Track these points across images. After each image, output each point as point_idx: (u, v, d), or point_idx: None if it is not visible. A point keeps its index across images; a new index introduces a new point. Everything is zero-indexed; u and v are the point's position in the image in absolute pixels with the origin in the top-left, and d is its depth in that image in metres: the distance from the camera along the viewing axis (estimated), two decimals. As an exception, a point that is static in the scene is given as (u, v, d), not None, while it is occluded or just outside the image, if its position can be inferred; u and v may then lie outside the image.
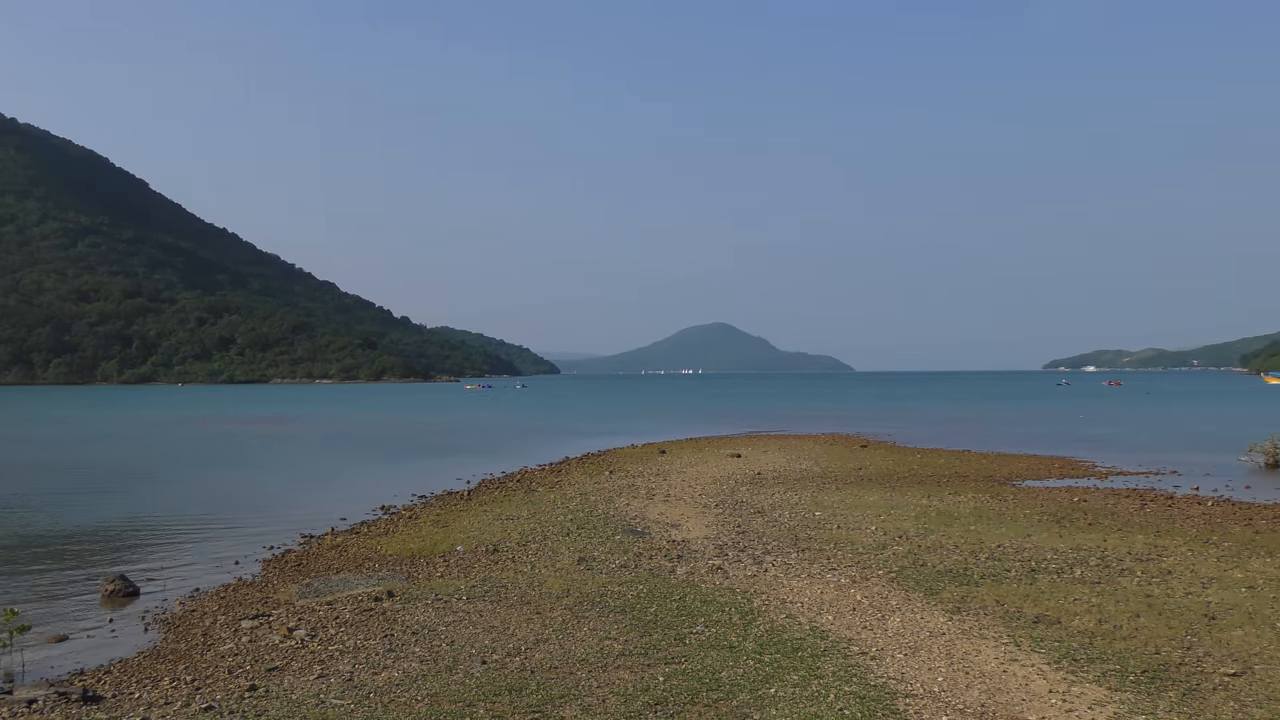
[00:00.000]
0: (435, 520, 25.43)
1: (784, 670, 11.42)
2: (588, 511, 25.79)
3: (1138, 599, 15.06)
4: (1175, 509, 26.39)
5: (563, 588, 16.27)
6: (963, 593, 15.57)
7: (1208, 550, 19.61)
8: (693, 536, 21.64)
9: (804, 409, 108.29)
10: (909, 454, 45.52)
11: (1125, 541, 20.58)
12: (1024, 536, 21.22)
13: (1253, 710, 10.01)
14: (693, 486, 31.49)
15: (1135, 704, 10.19)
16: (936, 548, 19.81)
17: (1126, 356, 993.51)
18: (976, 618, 13.92)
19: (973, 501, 27.52)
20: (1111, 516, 24.63)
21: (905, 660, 11.85)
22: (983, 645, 12.45)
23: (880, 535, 21.42)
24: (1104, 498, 28.73)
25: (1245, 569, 17.59)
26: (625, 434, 63.94)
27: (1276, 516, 25.06)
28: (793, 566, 17.96)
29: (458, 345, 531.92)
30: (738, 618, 13.96)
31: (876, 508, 25.97)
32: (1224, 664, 11.56)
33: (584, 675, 11.35)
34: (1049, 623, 13.57)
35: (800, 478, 34.46)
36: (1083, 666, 11.49)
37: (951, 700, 10.41)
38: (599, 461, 42.10)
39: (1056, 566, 17.72)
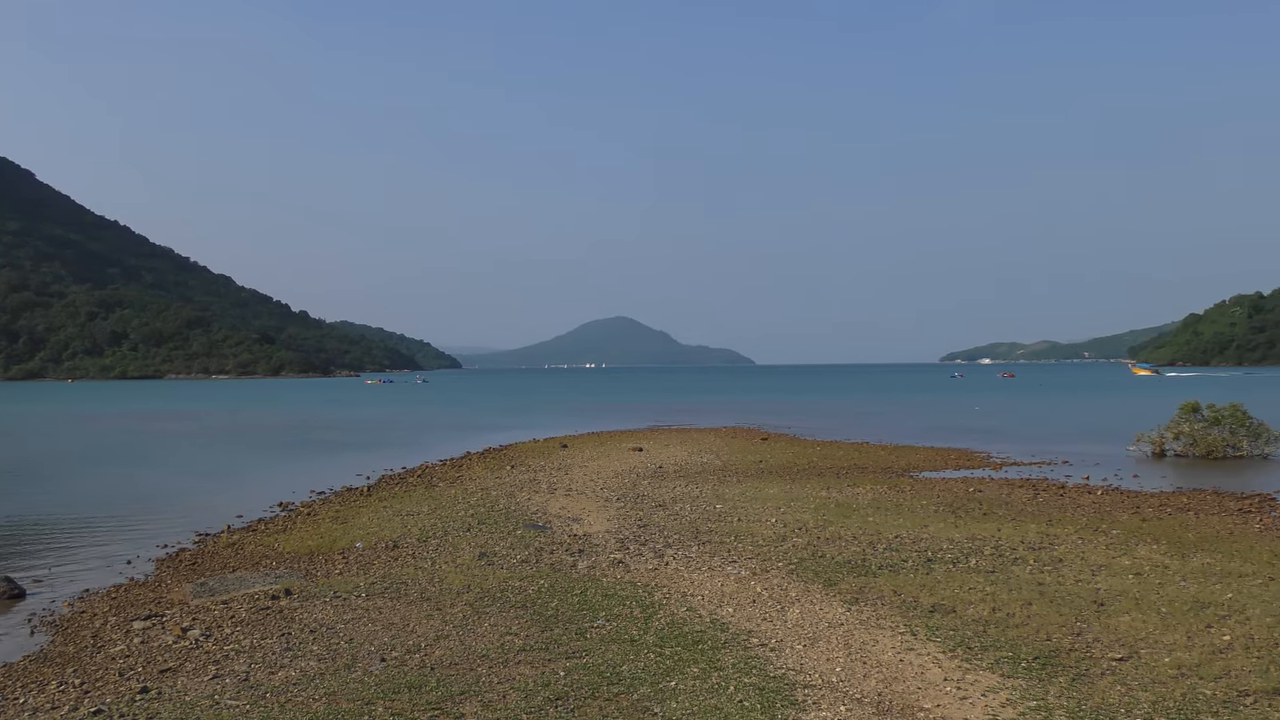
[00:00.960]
0: (334, 517, 25.14)
1: (684, 663, 11.47)
2: (489, 506, 25.67)
3: (1030, 587, 15.36)
4: (1067, 498, 26.99)
5: (463, 583, 16.18)
6: (861, 583, 15.76)
7: (1097, 538, 20.08)
8: (594, 531, 21.65)
9: (705, 402, 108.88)
10: (809, 446, 45.99)
11: (1019, 531, 20.98)
12: (921, 527, 21.54)
13: (1138, 693, 10.26)
14: (594, 480, 31.50)
15: (1026, 690, 10.40)
16: (835, 539, 20.02)
17: (1021, 349, 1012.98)
18: (874, 608, 14.09)
19: (871, 493, 27.88)
20: (1006, 506, 25.11)
21: (804, 651, 11.97)
22: (880, 635, 12.62)
23: (780, 527, 21.60)
24: (998, 488, 29.29)
25: (1133, 556, 18.05)
26: (527, 428, 63.73)
27: (1163, 505, 25.75)
28: (694, 559, 18.04)
29: (358, 340, 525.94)
30: (639, 611, 13.99)
31: (776, 500, 26.19)
32: (1112, 649, 11.84)
33: (484, 671, 11.29)
34: (944, 612, 13.79)
35: (701, 471, 34.65)
36: (977, 654, 11.69)
37: (849, 690, 10.53)
38: (500, 456, 41.94)
39: (952, 556, 18.00)
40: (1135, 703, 10.01)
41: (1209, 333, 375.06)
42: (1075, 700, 10.08)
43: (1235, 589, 15.22)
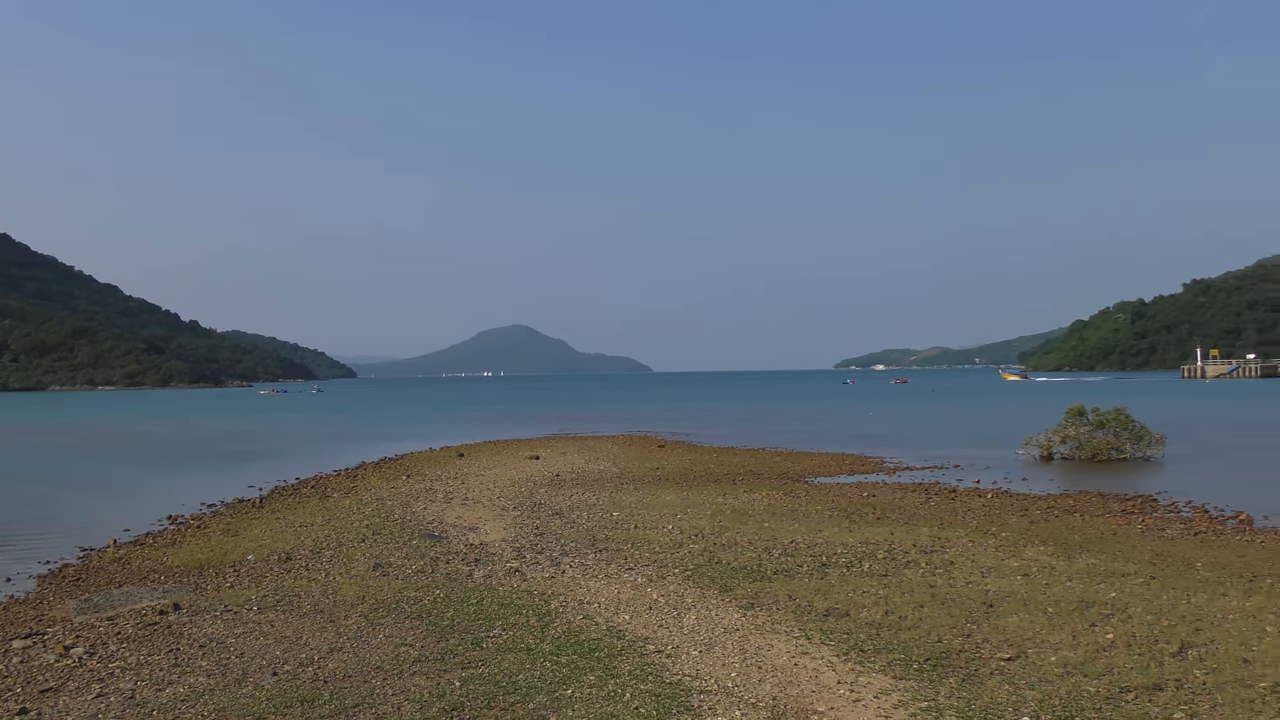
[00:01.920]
0: (225, 529, 24.69)
1: (581, 671, 11.45)
2: (384, 517, 25.41)
3: (922, 590, 15.60)
4: (958, 502, 27.48)
5: (358, 595, 15.99)
6: (756, 588, 15.88)
7: (987, 541, 20.47)
8: (491, 539, 21.54)
9: (603, 410, 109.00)
10: (705, 453, 46.26)
11: (911, 534, 21.30)
12: (816, 532, 21.76)
13: (1025, 692, 10.48)
14: (491, 489, 31.34)
15: (918, 691, 10.56)
16: (731, 545, 20.15)
17: (913, 355, 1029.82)
18: (769, 613, 14.20)
19: (767, 499, 28.11)
20: (899, 510, 25.49)
21: (700, 657, 12.02)
22: (775, 639, 12.72)
23: (677, 534, 21.68)
24: (892, 492, 29.73)
25: (1021, 558, 18.43)
26: (423, 438, 63.17)
27: (1050, 507, 26.34)
28: (590, 567, 18.03)
29: (250, 349, 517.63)
30: (535, 620, 13.94)
31: (673, 507, 26.29)
32: (1000, 649, 12.07)
33: (379, 683, 11.16)
34: (838, 615, 13.94)
35: (598, 478, 34.66)
36: (870, 657, 11.83)
37: (744, 695, 10.60)
38: (396, 466, 41.53)
39: (846, 560, 18.22)
40: (1022, 701, 10.21)
41: (1094, 339, 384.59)
42: (965, 700, 10.26)
43: (1118, 588, 15.63)
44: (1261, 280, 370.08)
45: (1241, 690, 10.51)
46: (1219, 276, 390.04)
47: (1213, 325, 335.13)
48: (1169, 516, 24.96)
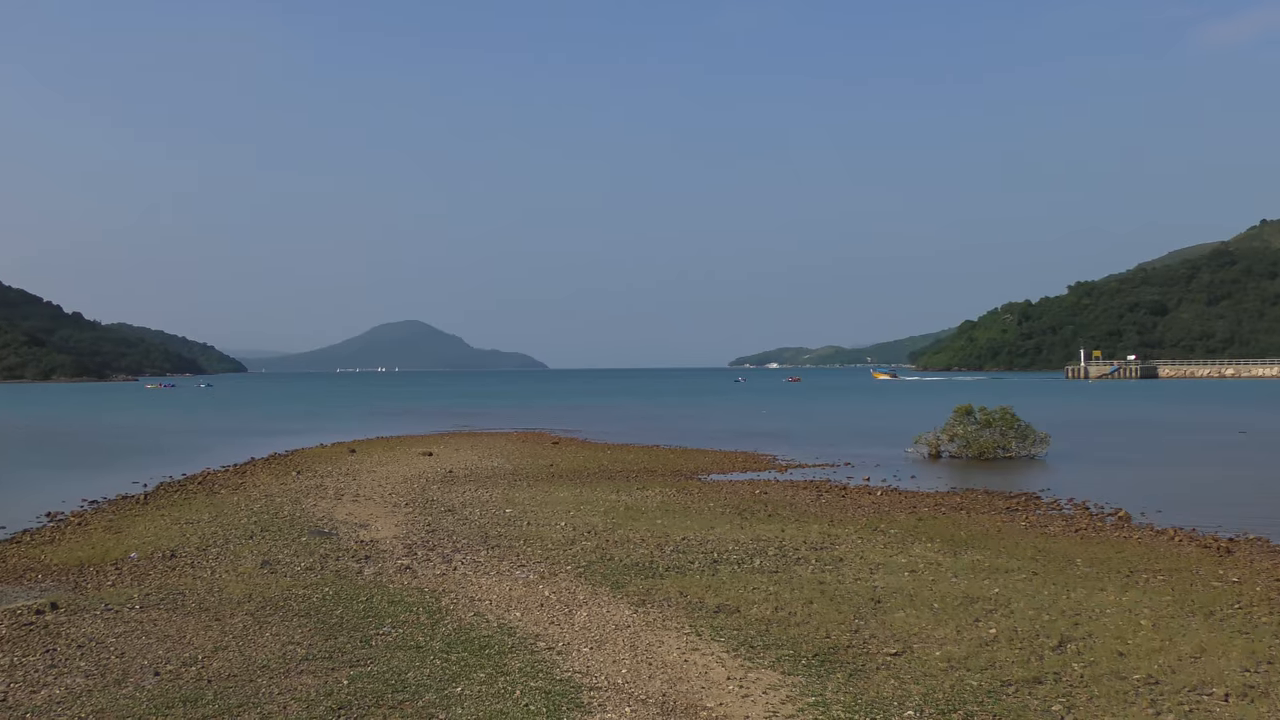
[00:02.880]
0: (108, 526, 24.12)
1: (471, 668, 11.40)
2: (273, 513, 25.04)
3: (812, 586, 15.79)
4: (848, 499, 27.83)
5: (244, 592, 15.75)
6: (648, 585, 15.94)
7: (876, 538, 20.78)
8: (382, 536, 21.34)
9: (497, 406, 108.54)
10: (599, 450, 46.30)
11: (802, 531, 21.54)
12: (708, 529, 21.91)
13: (910, 686, 10.67)
14: (383, 486, 31.05)
15: (806, 686, 10.69)
16: (624, 542, 20.20)
17: (807, 354, 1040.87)
18: (661, 609, 14.27)
19: (660, 496, 28.22)
20: (790, 508, 25.75)
21: (591, 654, 12.04)
22: (666, 636, 12.78)
23: (570, 531, 21.68)
24: (783, 490, 30.02)
25: (908, 554, 18.75)
26: (315, 433, 62.35)
27: (937, 504, 26.81)
28: (482, 564, 17.96)
29: (136, 343, 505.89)
30: (425, 617, 13.85)
31: (566, 504, 26.28)
32: (887, 644, 12.27)
33: (265, 682, 11.00)
34: (729, 612, 14.06)
35: (492, 475, 34.52)
36: (759, 653, 11.95)
37: (634, 691, 10.64)
38: (286, 462, 40.94)
39: (737, 557, 18.37)
40: (907, 695, 10.39)
41: (983, 339, 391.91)
42: (851, 695, 10.41)
43: (1002, 584, 15.97)
44: (1141, 284, 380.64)
45: (1116, 682, 10.82)
46: (1101, 279, 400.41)
47: (1096, 327, 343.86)
48: (1051, 514, 25.55)
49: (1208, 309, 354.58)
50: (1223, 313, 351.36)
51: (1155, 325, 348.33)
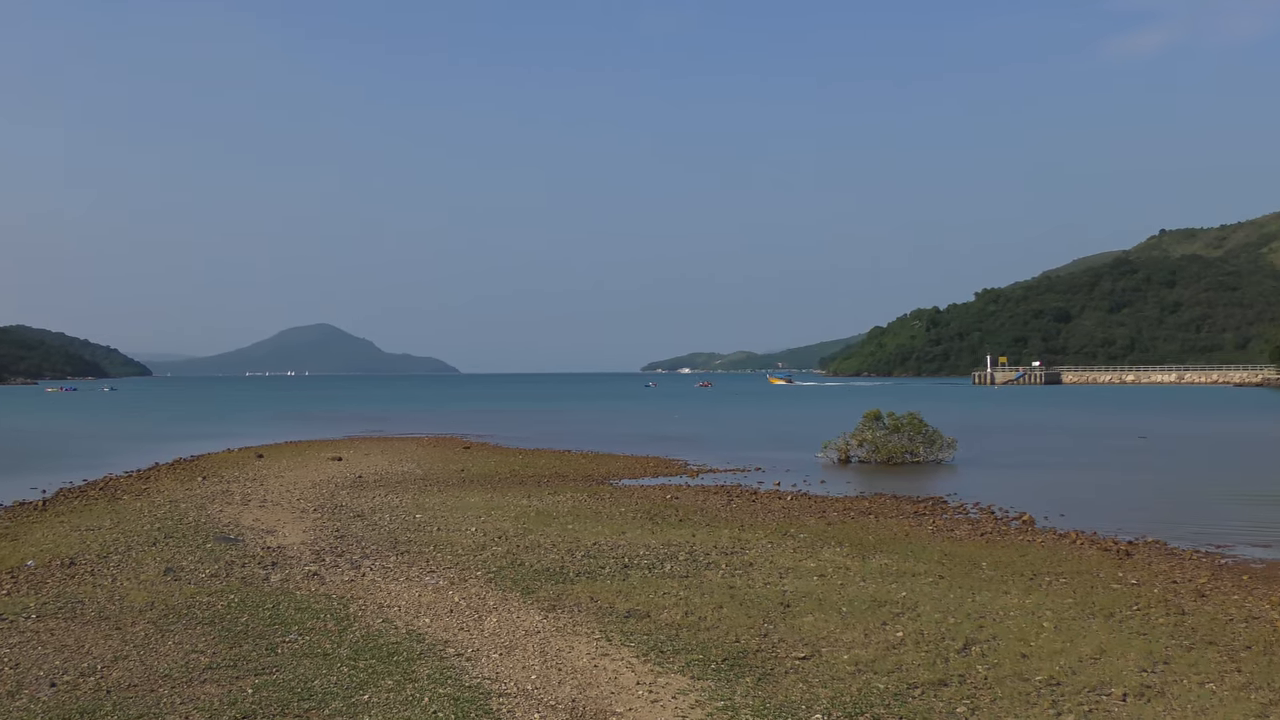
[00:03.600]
0: (3, 534, 23.44)
1: (379, 675, 11.29)
2: (177, 519, 24.58)
3: (722, 591, 15.86)
4: (758, 504, 28.00)
5: (146, 600, 15.43)
6: (559, 590, 15.90)
7: (786, 542, 20.92)
8: (289, 542, 21.05)
9: (408, 411, 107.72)
10: (511, 455, 46.15)
11: (713, 536, 21.63)
12: (619, 534, 21.92)
13: (818, 690, 10.75)
14: (291, 491, 30.65)
15: (715, 690, 10.73)
16: (535, 547, 20.14)
17: (719, 359, 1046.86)
18: (571, 615, 14.24)
19: (571, 501, 28.19)
20: (701, 512, 25.84)
21: (500, 660, 11.97)
22: (576, 641, 12.76)
23: (480, 536, 21.56)
24: (694, 494, 30.13)
25: (818, 559, 18.90)
26: (221, 438, 61.32)
27: (847, 509, 27.08)
28: (391, 570, 17.79)
29: (35, 345, 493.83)
30: (333, 624, 13.68)
31: (477, 509, 26.15)
32: (796, 648, 12.36)
33: (166, 692, 10.79)
34: (639, 617, 14.07)
35: (402, 480, 34.24)
36: (669, 658, 11.97)
37: (544, 697, 10.60)
38: (192, 467, 40.25)
39: (648, 562, 18.39)
40: (815, 699, 10.47)
41: (892, 345, 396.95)
42: (760, 699, 10.46)
43: (909, 588, 16.17)
44: (1046, 291, 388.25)
45: (1019, 684, 11.00)
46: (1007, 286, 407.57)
47: (1002, 333, 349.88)
48: (958, 518, 25.93)
49: (1109, 316, 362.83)
50: (1124, 320, 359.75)
51: (1059, 332, 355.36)
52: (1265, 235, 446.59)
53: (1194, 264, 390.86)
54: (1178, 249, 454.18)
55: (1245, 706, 10.37)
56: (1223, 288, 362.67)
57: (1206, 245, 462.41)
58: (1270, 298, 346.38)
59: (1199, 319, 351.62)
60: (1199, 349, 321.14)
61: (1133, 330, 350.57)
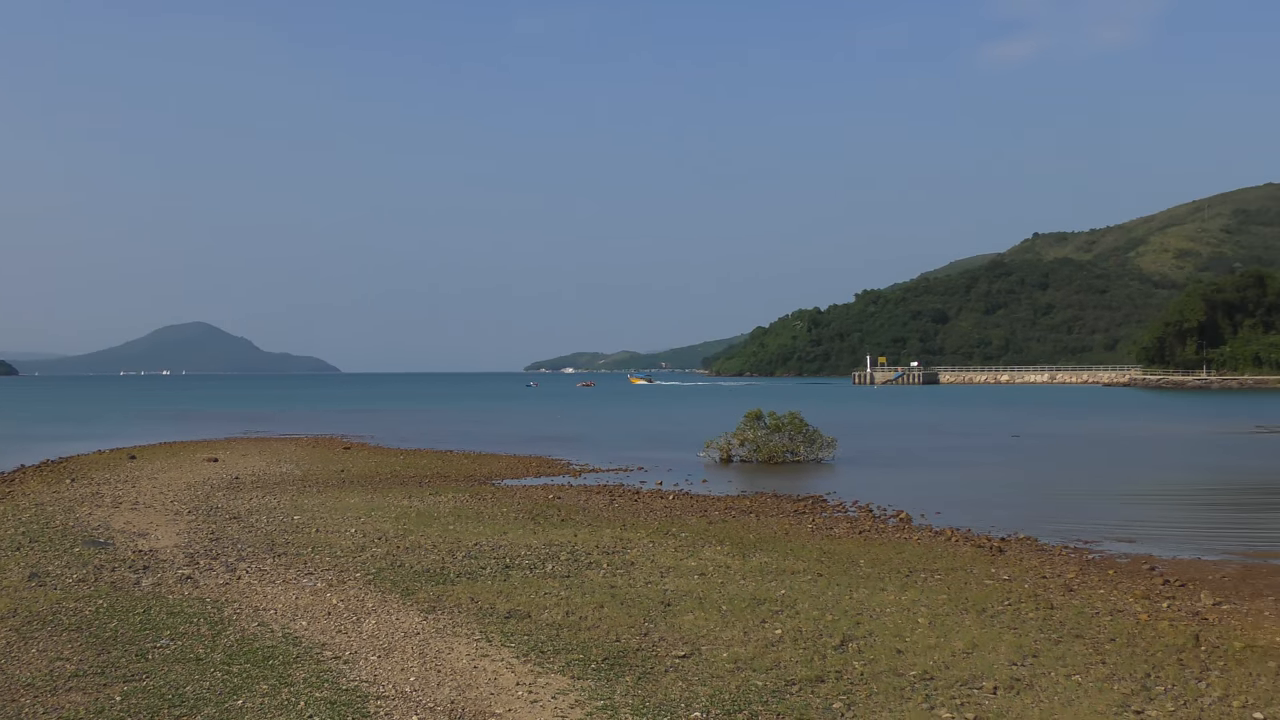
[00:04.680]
0: None
1: (253, 680, 11.08)
2: (43, 523, 23.84)
3: (603, 590, 15.88)
4: (641, 503, 28.10)
5: (9, 607, 14.93)
6: (439, 591, 15.78)
7: (667, 541, 21.02)
8: (162, 546, 20.56)
9: (288, 411, 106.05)
10: (392, 455, 45.69)
11: (595, 536, 21.64)
12: (500, 534, 21.81)
13: (697, 688, 10.81)
14: (165, 493, 29.94)
15: (595, 690, 10.73)
16: (415, 548, 19.95)
17: (603, 359, 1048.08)
18: (451, 616, 14.13)
19: (453, 501, 27.99)
20: (583, 512, 25.85)
21: (379, 662, 11.84)
22: (456, 643, 12.66)
23: (360, 537, 21.30)
24: (577, 494, 30.13)
25: (699, 557, 19.02)
26: (92, 439, 59.63)
27: (728, 508, 27.30)
28: (268, 573, 17.48)
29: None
30: (206, 628, 13.39)
31: (357, 510, 25.83)
32: (676, 647, 12.42)
33: (28, 701, 10.45)
34: (520, 617, 14.01)
35: (280, 481, 33.68)
36: (549, 658, 11.94)
37: (423, 699, 10.50)
38: (60, 469, 39.07)
39: (530, 562, 18.33)
40: (695, 697, 10.53)
41: (774, 345, 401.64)
42: (640, 698, 10.49)
43: (788, 585, 16.35)
44: (924, 292, 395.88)
45: (894, 679, 11.19)
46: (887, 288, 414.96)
47: (882, 334, 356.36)
48: (837, 516, 26.30)
49: (985, 318, 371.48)
50: (999, 321, 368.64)
51: (937, 333, 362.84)
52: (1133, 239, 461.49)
53: (1065, 267, 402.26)
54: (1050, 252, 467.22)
55: (1109, 697, 10.68)
56: (1092, 290, 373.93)
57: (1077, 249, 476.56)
58: (1137, 300, 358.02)
59: (1070, 321, 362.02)
60: (1070, 350, 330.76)
61: (1007, 331, 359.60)
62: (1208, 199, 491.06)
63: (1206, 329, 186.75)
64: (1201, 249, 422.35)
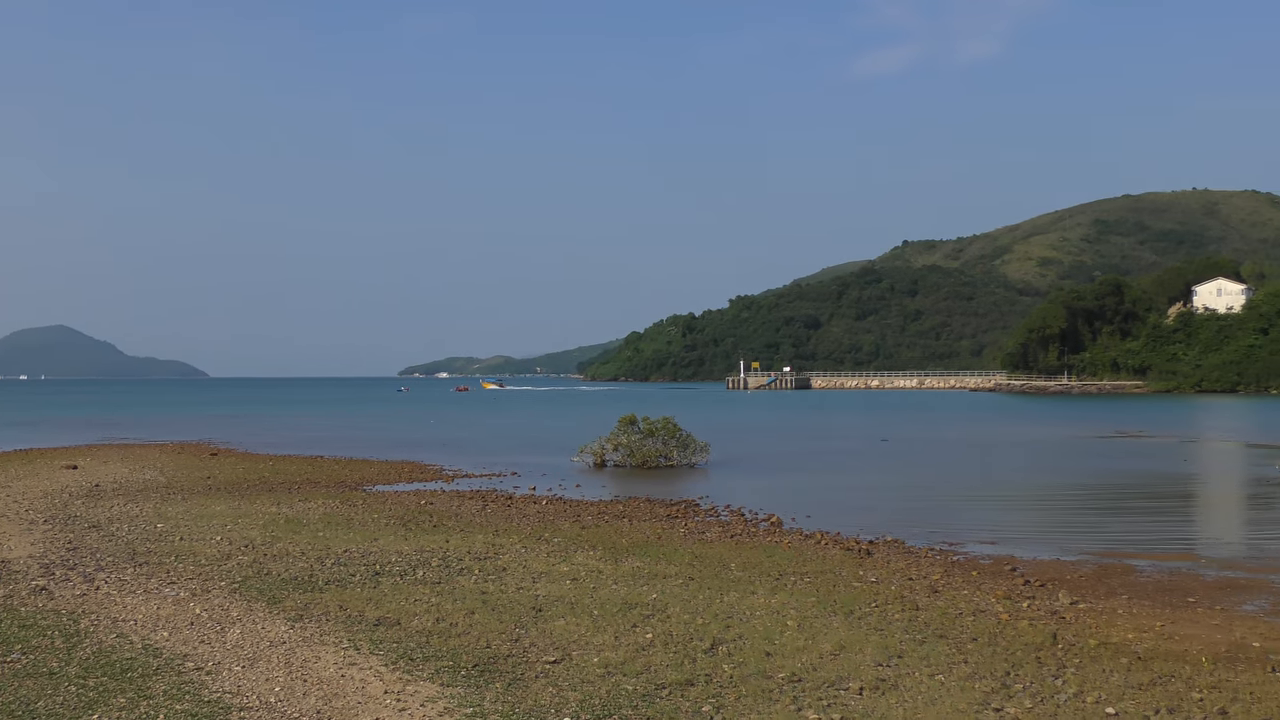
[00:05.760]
0: None
1: (110, 693, 10.76)
2: (-110, 533, 22.93)
3: (474, 596, 15.76)
4: (514, 509, 27.98)
5: None
6: (306, 599, 15.51)
7: (540, 547, 20.96)
8: (15, 556, 19.86)
9: (153, 416, 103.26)
10: (261, 461, 44.83)
11: (466, 542, 21.48)
12: (371, 541, 21.54)
13: (568, 693, 10.79)
14: (19, 502, 28.94)
15: (464, 697, 10.64)
16: (283, 555, 19.60)
17: (477, 364, 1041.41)
18: (319, 624, 13.91)
19: (323, 507, 27.57)
20: (455, 518, 25.65)
21: (243, 672, 11.59)
22: (323, 651, 12.46)
23: (225, 545, 20.85)
24: (450, 500, 29.89)
25: (571, 562, 19.00)
26: (-57, 445, 57.51)
27: (601, 512, 27.33)
28: (129, 583, 17.01)
29: None
30: (61, 641, 12.96)
31: (223, 517, 25.29)
32: (546, 652, 12.38)
33: None
34: (389, 624, 13.85)
35: (144, 489, 32.80)
36: (418, 665, 11.81)
37: (287, 710, 10.31)
38: (-92, 477, 37.59)
39: (400, 569, 18.14)
40: (565, 702, 10.50)
41: (649, 350, 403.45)
42: (509, 704, 10.43)
43: (659, 590, 16.41)
44: (797, 298, 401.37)
45: (763, 682, 11.29)
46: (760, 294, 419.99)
47: (755, 339, 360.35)
48: (709, 520, 26.48)
49: (856, 324, 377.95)
50: (869, 327, 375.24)
51: (809, 338, 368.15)
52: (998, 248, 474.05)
53: (934, 274, 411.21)
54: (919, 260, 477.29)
55: (970, 695, 10.92)
56: (960, 297, 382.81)
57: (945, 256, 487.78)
58: (1003, 307, 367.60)
59: (938, 327, 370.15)
60: (938, 355, 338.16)
61: (878, 337, 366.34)
62: (1069, 209, 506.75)
63: (1068, 335, 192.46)
64: (1063, 257, 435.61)
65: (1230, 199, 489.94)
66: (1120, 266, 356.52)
